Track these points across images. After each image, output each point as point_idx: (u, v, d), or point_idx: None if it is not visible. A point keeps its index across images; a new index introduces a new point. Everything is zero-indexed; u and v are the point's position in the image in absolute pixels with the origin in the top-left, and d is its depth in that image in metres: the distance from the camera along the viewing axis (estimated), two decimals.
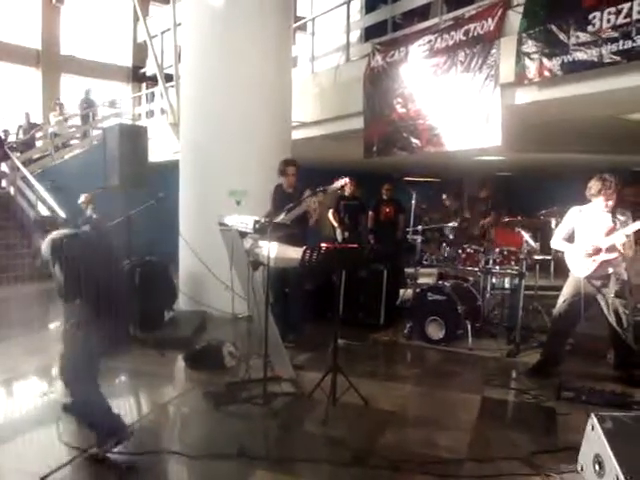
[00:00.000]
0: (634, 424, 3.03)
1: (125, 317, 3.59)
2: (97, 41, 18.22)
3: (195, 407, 4.27)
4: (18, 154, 12.33)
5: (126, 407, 4.19)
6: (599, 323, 4.84)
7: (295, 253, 4.37)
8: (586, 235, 4.64)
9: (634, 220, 4.47)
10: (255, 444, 3.56)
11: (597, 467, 2.88)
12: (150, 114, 14.13)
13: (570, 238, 4.79)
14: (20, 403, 4.38)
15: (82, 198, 7.93)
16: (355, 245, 6.22)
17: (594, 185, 4.54)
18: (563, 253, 4.88)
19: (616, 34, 5.04)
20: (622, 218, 4.52)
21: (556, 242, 4.91)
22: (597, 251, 4.52)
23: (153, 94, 14.25)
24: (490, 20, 6.25)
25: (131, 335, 5.64)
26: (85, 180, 8.64)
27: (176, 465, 3.38)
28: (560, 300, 4.82)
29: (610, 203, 4.50)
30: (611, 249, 4.48)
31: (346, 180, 4.44)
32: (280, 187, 5.90)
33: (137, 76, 18.32)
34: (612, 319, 4.62)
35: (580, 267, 4.64)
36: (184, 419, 4.21)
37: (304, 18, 10.46)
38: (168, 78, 11.25)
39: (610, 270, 4.58)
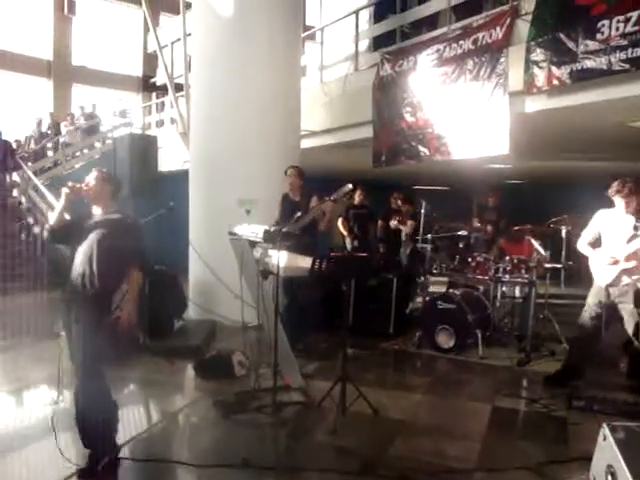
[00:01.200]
0: None
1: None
2: (108, 51, 18.45)
3: (204, 416, 4.27)
4: (29, 164, 12.44)
5: (135, 415, 4.20)
6: (612, 331, 4.79)
7: (304, 262, 4.37)
8: (609, 241, 4.58)
9: None
10: (264, 453, 3.56)
11: (609, 478, 2.84)
12: (160, 123, 14.22)
13: (597, 242, 4.70)
14: (29, 412, 4.40)
15: None
16: (364, 254, 6.22)
17: (613, 186, 4.49)
18: (578, 261, 4.82)
19: (625, 42, 5.03)
20: None
21: (582, 245, 4.79)
22: (617, 259, 4.45)
23: (163, 104, 14.36)
24: (498, 29, 6.26)
25: (141, 343, 5.67)
26: None
27: (184, 474, 3.38)
28: (584, 310, 4.74)
29: (624, 205, 4.41)
30: (630, 257, 4.40)
31: (350, 186, 4.47)
32: (287, 196, 5.93)
33: (147, 86, 18.47)
34: (629, 328, 4.55)
35: (602, 275, 4.57)
36: (193, 428, 4.21)
37: (313, 27, 10.54)
38: (178, 88, 11.33)
39: (629, 279, 4.47)
